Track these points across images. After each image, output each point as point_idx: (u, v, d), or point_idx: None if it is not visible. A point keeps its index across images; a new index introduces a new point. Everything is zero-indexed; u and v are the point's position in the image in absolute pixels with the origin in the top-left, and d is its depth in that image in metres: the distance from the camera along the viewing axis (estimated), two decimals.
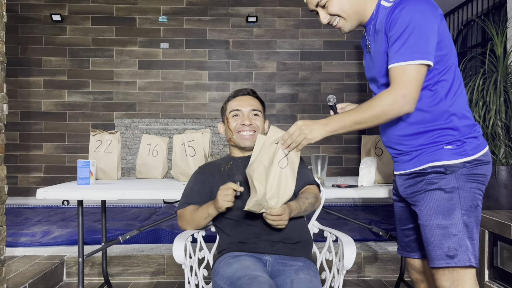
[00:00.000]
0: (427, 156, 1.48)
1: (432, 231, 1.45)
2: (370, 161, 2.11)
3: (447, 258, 1.43)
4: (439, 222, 1.44)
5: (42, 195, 2.02)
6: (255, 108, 1.83)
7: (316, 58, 5.67)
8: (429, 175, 1.48)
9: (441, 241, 1.43)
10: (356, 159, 5.61)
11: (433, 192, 1.46)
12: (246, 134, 1.79)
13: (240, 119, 1.81)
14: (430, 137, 1.48)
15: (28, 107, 5.50)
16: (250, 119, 1.80)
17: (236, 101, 1.84)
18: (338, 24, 1.57)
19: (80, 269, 2.17)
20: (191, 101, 5.62)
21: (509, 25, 3.44)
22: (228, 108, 1.85)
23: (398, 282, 2.70)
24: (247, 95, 1.86)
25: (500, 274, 2.67)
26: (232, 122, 1.81)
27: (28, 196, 5.30)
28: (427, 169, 1.48)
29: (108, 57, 5.56)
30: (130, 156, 5.29)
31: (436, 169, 1.46)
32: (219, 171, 1.81)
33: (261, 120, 1.83)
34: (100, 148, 2.48)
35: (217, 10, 5.63)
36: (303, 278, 1.51)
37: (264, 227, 1.65)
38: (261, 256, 1.64)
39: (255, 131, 1.80)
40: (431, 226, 1.45)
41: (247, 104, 1.82)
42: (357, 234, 3.42)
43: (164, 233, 3.40)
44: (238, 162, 1.82)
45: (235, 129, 1.80)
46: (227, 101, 1.88)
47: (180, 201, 1.80)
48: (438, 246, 1.44)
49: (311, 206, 1.71)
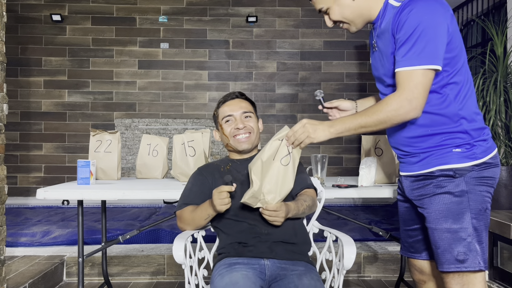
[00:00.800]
0: (436, 159, 1.46)
1: (442, 235, 1.44)
2: (370, 161, 2.11)
3: (457, 262, 1.42)
4: (449, 226, 1.42)
5: (42, 195, 2.02)
6: (246, 110, 1.83)
7: (316, 58, 5.67)
8: (437, 178, 1.46)
9: (450, 245, 1.42)
10: (356, 159, 5.61)
11: (442, 196, 1.45)
12: (242, 137, 1.80)
13: (233, 123, 1.81)
14: (438, 139, 1.47)
15: (28, 107, 5.50)
16: (243, 121, 1.80)
17: (227, 106, 1.83)
18: (343, 26, 1.58)
19: (80, 269, 2.17)
20: (191, 101, 5.62)
21: (509, 25, 3.45)
22: (220, 114, 1.85)
23: (398, 282, 2.70)
24: (236, 99, 1.85)
25: (500, 274, 2.67)
26: (226, 128, 1.82)
27: (28, 196, 5.30)
28: (435, 172, 1.46)
29: (108, 57, 5.56)
30: (130, 156, 5.29)
31: (445, 172, 1.44)
32: (219, 172, 1.82)
33: (254, 120, 1.84)
34: (100, 148, 2.48)
35: (217, 10, 5.63)
36: (308, 284, 1.51)
37: (264, 227, 1.66)
38: (259, 261, 1.63)
39: (250, 133, 1.80)
40: (441, 230, 1.44)
41: (237, 108, 1.82)
42: (357, 234, 3.42)
43: (164, 233, 3.40)
44: (237, 164, 1.83)
45: (230, 134, 1.81)
46: (217, 108, 1.88)
47: (179, 202, 1.80)
48: (447, 250, 1.43)
49: (308, 208, 1.73)
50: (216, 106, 1.89)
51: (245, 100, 1.87)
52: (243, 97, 1.88)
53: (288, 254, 1.66)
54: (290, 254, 1.66)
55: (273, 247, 1.65)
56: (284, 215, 1.59)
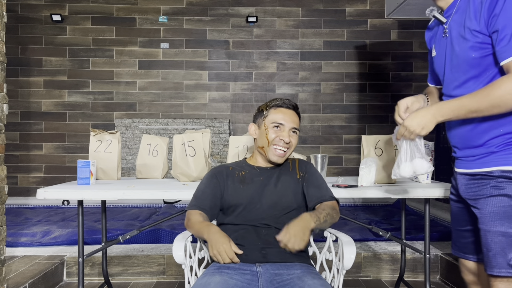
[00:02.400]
0: (497, 158, 1.41)
1: (495, 238, 1.39)
2: (370, 161, 2.11)
3: (508, 267, 1.38)
4: (504, 230, 1.38)
5: (42, 195, 2.02)
6: (296, 126, 1.80)
7: (316, 58, 5.67)
8: (496, 179, 1.40)
9: (504, 250, 1.38)
10: (356, 159, 5.61)
11: (499, 198, 1.39)
12: (280, 151, 1.76)
13: (280, 132, 1.76)
14: (504, 139, 1.41)
15: (28, 107, 5.50)
16: (289, 136, 1.77)
17: (281, 113, 1.78)
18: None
19: (80, 269, 2.17)
20: (191, 101, 5.62)
21: None
22: (270, 116, 1.79)
23: (398, 282, 2.70)
24: (292, 110, 1.81)
25: None
26: (271, 133, 1.77)
27: (28, 196, 5.30)
28: (494, 172, 1.41)
29: (108, 57, 5.57)
30: (130, 156, 5.29)
31: (506, 174, 1.39)
32: (233, 177, 1.80)
33: (296, 138, 1.82)
34: (100, 148, 2.48)
35: (217, 10, 5.63)
36: (312, 283, 1.48)
37: (264, 230, 1.67)
38: (251, 267, 1.60)
39: (288, 149, 1.78)
40: (494, 233, 1.39)
41: (290, 120, 1.78)
42: (357, 234, 3.42)
43: (164, 233, 3.39)
44: (255, 171, 1.81)
45: (273, 141, 1.77)
46: (269, 107, 1.81)
47: (191, 202, 1.79)
48: (500, 254, 1.38)
49: (330, 217, 1.66)
50: (269, 105, 1.82)
51: (297, 114, 1.83)
52: (297, 110, 1.84)
53: (282, 255, 1.63)
54: (283, 255, 1.63)
55: (266, 250, 1.64)
56: (294, 231, 1.54)
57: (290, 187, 1.77)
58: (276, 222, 1.69)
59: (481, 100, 1.36)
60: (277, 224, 1.68)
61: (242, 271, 1.57)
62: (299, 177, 1.81)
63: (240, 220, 1.71)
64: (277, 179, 1.78)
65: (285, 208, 1.73)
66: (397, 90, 5.65)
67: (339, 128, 5.67)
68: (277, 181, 1.78)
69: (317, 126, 5.66)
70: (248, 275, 1.56)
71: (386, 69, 5.68)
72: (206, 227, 1.63)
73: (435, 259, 3.01)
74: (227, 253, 1.54)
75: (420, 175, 2.20)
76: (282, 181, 1.78)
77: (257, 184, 1.76)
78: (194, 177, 2.37)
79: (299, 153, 2.33)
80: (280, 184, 1.77)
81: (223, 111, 5.63)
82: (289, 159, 1.90)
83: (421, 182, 2.23)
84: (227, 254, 1.54)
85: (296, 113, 1.82)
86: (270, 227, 1.68)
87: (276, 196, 1.74)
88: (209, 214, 1.74)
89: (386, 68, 5.68)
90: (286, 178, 1.79)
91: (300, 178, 1.81)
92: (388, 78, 5.69)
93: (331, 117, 5.66)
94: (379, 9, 5.64)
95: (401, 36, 5.68)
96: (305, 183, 1.80)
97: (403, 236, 2.60)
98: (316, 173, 1.85)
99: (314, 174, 1.83)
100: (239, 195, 1.74)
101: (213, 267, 1.59)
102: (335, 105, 5.66)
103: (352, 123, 5.66)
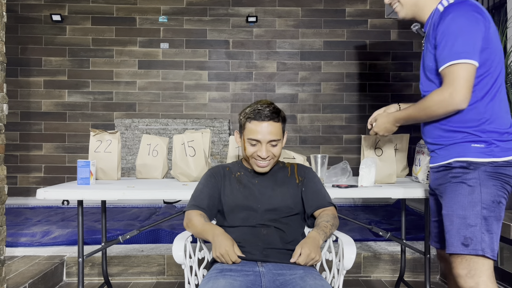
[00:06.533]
0: (454, 151, 1.59)
1: (452, 220, 1.56)
2: (370, 161, 2.11)
3: (461, 246, 1.52)
4: (459, 213, 1.54)
5: (42, 195, 2.02)
6: (274, 138, 1.71)
7: (316, 58, 5.67)
8: (454, 169, 1.59)
9: (458, 230, 1.54)
10: (356, 159, 5.60)
11: (457, 185, 1.57)
12: (261, 163, 1.74)
13: (257, 148, 1.72)
14: (461, 137, 1.59)
15: (28, 107, 5.50)
16: (267, 150, 1.71)
17: (257, 127, 1.70)
18: (396, 8, 1.73)
19: (80, 269, 2.17)
20: (191, 101, 5.62)
21: (509, 25, 3.44)
22: (247, 130, 1.73)
23: (398, 282, 2.70)
24: (267, 121, 1.70)
25: (500, 274, 2.67)
26: (248, 148, 1.73)
27: (28, 196, 5.30)
28: (452, 163, 1.59)
29: (108, 57, 5.56)
30: (130, 156, 5.29)
31: (461, 164, 1.57)
32: (230, 178, 1.81)
33: (279, 146, 1.75)
34: (100, 148, 2.48)
35: (217, 10, 5.63)
36: (313, 284, 1.49)
37: (264, 229, 1.67)
38: (253, 268, 1.61)
39: (270, 160, 1.75)
40: (452, 216, 1.56)
41: (267, 132, 1.69)
42: (357, 234, 3.42)
43: (164, 233, 3.39)
44: (250, 174, 1.82)
45: (251, 155, 1.74)
46: (245, 118, 1.74)
47: (189, 202, 1.79)
48: (455, 234, 1.54)
49: (335, 227, 1.74)
50: (244, 115, 1.75)
51: (276, 122, 1.72)
52: (275, 118, 1.72)
53: (283, 256, 1.64)
54: (286, 256, 1.65)
55: (266, 251, 1.65)
56: (308, 250, 1.58)
57: (289, 192, 1.78)
58: (276, 223, 1.71)
59: (419, 111, 1.65)
60: (276, 224, 1.70)
61: (245, 272, 1.59)
62: (298, 182, 1.82)
63: (239, 222, 1.72)
64: (275, 183, 1.79)
65: (285, 213, 1.74)
66: (397, 90, 5.65)
67: (339, 128, 5.66)
68: (275, 185, 1.78)
69: (317, 126, 5.65)
70: (251, 275, 1.58)
71: (386, 69, 5.68)
72: (210, 230, 1.65)
73: (435, 259, 3.01)
74: (230, 256, 1.58)
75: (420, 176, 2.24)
76: (281, 186, 1.78)
77: (253, 187, 1.77)
78: (194, 177, 2.36)
79: (299, 153, 2.32)
80: (279, 189, 1.77)
81: (223, 111, 5.63)
82: (288, 163, 1.90)
83: (421, 182, 2.23)
84: (230, 257, 1.58)
85: (275, 121, 1.72)
86: (270, 227, 1.70)
87: (275, 201, 1.74)
88: (208, 214, 1.74)
89: (386, 68, 5.68)
90: (285, 183, 1.80)
91: (299, 183, 1.81)
92: (388, 78, 5.69)
93: (331, 117, 5.66)
94: (379, 9, 5.64)
95: (401, 36, 5.68)
96: (303, 188, 1.80)
97: (403, 236, 2.60)
98: (315, 178, 1.86)
99: (312, 179, 1.84)
100: (236, 196, 1.75)
101: (215, 270, 1.60)
102: (335, 105, 5.66)
103: (352, 123, 5.66)
